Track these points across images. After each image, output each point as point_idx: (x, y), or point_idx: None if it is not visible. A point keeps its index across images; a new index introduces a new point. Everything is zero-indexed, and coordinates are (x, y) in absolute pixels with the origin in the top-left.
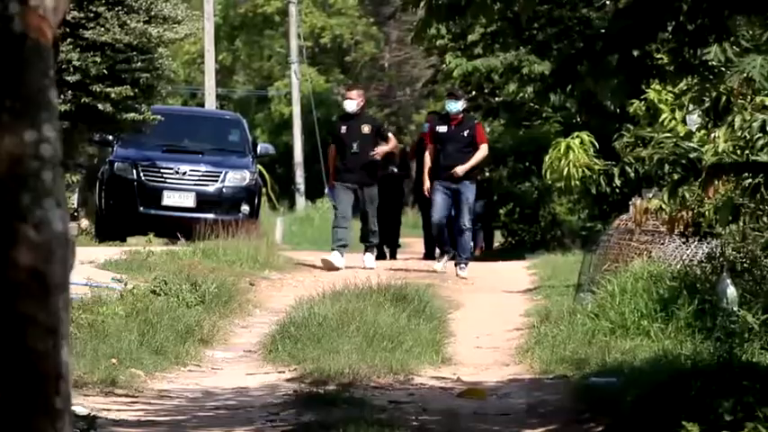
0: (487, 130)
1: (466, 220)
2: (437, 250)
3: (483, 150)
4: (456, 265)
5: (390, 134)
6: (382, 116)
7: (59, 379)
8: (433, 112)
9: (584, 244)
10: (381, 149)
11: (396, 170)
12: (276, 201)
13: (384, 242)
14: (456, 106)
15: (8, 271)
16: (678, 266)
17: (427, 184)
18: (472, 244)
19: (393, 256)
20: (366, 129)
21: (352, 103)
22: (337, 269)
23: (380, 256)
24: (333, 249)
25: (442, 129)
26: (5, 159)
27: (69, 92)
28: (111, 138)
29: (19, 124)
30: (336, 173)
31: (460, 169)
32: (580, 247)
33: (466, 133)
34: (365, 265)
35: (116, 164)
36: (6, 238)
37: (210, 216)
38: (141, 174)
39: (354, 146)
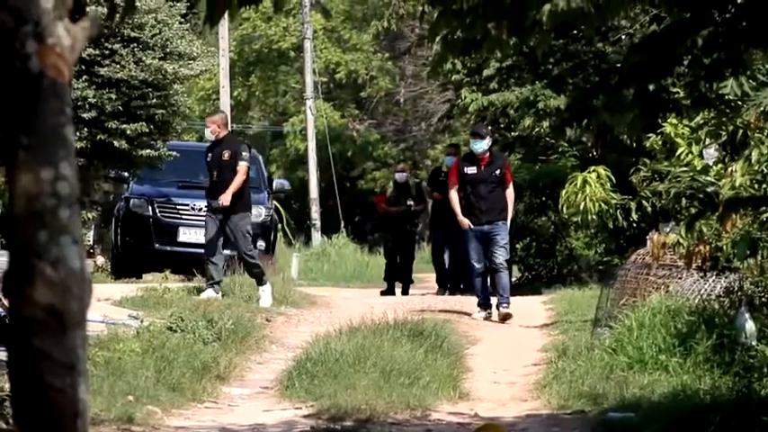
0: None
1: (502, 259)
2: (471, 296)
3: (512, 190)
4: (498, 305)
5: (243, 162)
6: (398, 151)
7: (77, 416)
8: (452, 144)
9: (601, 278)
10: (224, 198)
11: (413, 204)
12: (292, 236)
13: (397, 277)
14: (482, 145)
15: (25, 308)
16: (696, 301)
17: (466, 221)
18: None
19: (405, 292)
20: (226, 155)
21: (209, 131)
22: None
23: (390, 292)
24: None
25: (471, 170)
26: (23, 197)
27: (85, 129)
28: (126, 174)
29: (36, 162)
30: (207, 203)
31: (510, 216)
32: (597, 281)
33: (498, 172)
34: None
35: (132, 200)
36: (24, 276)
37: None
38: (157, 210)
39: (215, 173)
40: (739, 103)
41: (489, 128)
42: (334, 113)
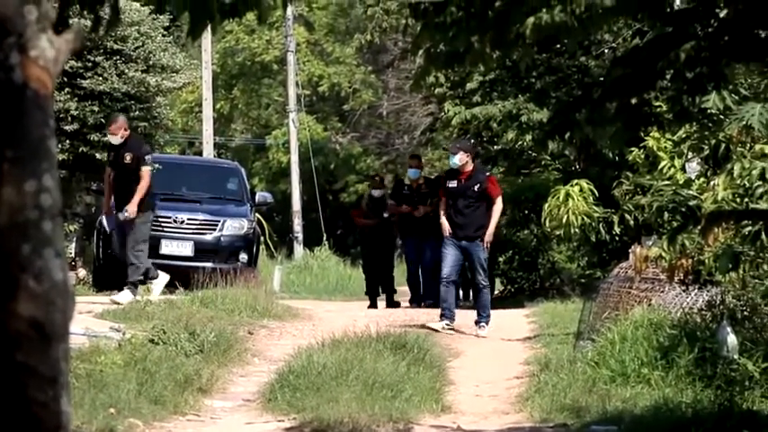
0: None
1: (480, 279)
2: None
3: (499, 206)
4: (476, 323)
5: (147, 167)
6: (380, 164)
7: (60, 429)
8: (414, 155)
9: (583, 292)
10: (131, 210)
11: (389, 216)
12: (274, 249)
13: (378, 290)
14: (454, 160)
15: (8, 321)
16: (678, 314)
17: (446, 225)
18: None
19: (390, 304)
20: (128, 158)
21: (112, 136)
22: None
23: (373, 305)
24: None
25: (452, 184)
26: (6, 209)
27: (67, 141)
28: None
29: (19, 174)
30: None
31: (488, 237)
32: (579, 294)
33: (476, 187)
34: (117, 299)
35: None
36: (6, 288)
37: (209, 265)
38: None
39: (118, 177)
40: (721, 117)
41: (470, 142)
42: (316, 126)
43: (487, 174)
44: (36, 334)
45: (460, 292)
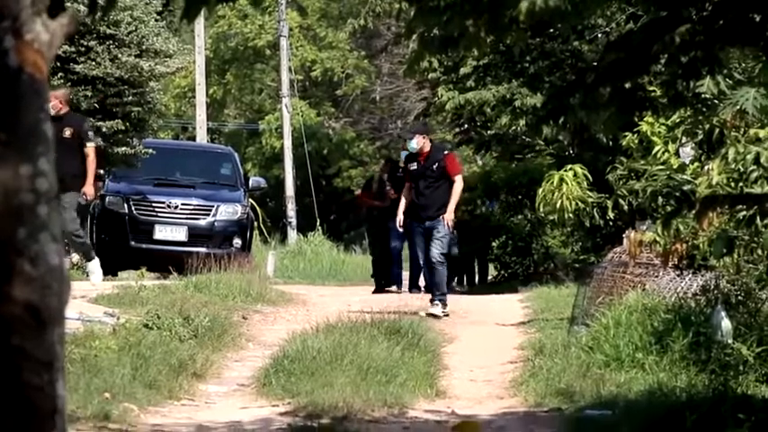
0: (479, 162)
1: (436, 253)
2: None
3: (458, 183)
4: (431, 301)
5: (91, 143)
6: (373, 149)
7: (55, 413)
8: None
9: (577, 277)
10: (88, 191)
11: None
12: (268, 234)
13: (381, 276)
14: (412, 144)
15: (3, 305)
16: (672, 299)
17: (400, 217)
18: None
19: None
20: (68, 132)
21: (50, 105)
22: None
23: (380, 290)
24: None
25: (413, 166)
26: (1, 193)
27: None
28: (102, 172)
29: (15, 158)
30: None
31: (449, 218)
32: (573, 279)
33: (435, 167)
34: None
35: (107, 198)
36: (2, 272)
37: (203, 250)
38: (133, 208)
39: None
40: (716, 101)
41: (424, 124)
42: (309, 111)
43: (446, 152)
44: (31, 318)
45: (454, 279)
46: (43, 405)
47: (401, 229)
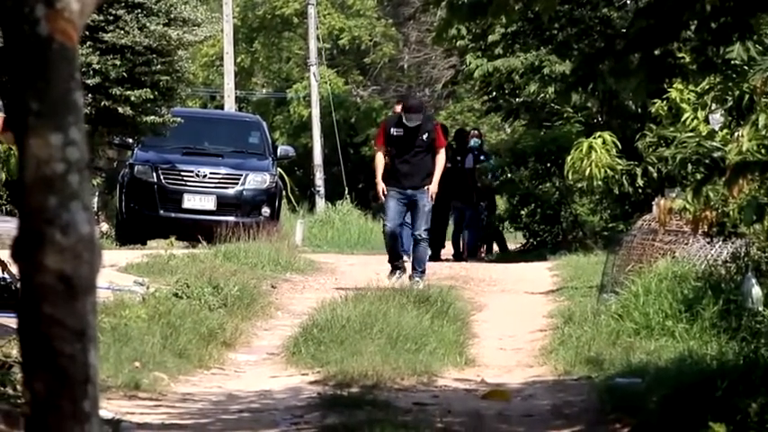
0: (508, 130)
1: (422, 230)
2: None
3: (442, 156)
4: (410, 278)
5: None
6: None
7: (87, 382)
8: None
9: (606, 244)
10: None
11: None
12: (296, 203)
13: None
14: (414, 123)
15: (36, 274)
16: (702, 266)
17: (381, 186)
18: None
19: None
20: None
21: None
22: None
23: (436, 257)
24: None
25: (398, 132)
26: (32, 163)
27: (89, 95)
28: (131, 141)
29: (46, 127)
30: None
31: (434, 189)
32: (602, 247)
33: (425, 137)
34: None
35: (136, 167)
36: (34, 242)
37: (231, 219)
38: (161, 177)
39: None
40: (745, 67)
41: (422, 103)
42: (337, 80)
43: (435, 123)
44: (63, 287)
45: (484, 246)
46: (75, 374)
47: (383, 198)
